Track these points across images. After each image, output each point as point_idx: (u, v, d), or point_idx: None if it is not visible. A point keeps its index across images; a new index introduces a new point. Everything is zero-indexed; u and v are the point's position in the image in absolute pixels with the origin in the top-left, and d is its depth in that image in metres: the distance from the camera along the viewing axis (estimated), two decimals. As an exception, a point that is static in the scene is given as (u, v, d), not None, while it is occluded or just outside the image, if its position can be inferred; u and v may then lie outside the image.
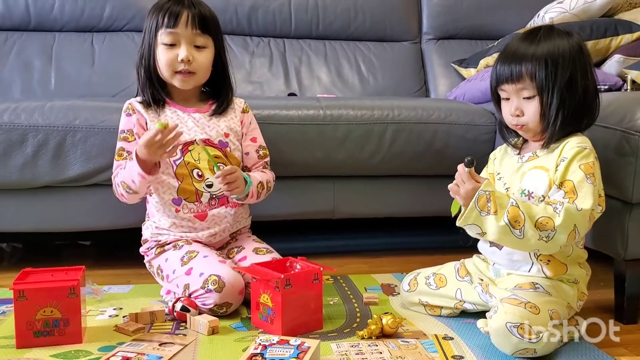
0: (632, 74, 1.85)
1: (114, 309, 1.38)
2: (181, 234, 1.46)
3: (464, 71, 2.38)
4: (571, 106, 1.20)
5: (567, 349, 1.18)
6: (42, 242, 2.08)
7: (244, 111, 1.56)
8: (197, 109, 1.51)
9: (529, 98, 1.22)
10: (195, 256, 1.38)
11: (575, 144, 1.19)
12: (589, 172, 1.15)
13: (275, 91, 2.36)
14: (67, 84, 2.20)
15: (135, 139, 1.45)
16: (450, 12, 2.55)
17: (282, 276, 1.20)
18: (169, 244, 1.46)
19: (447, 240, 1.59)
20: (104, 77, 2.23)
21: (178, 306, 1.30)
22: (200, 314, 1.29)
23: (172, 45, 1.44)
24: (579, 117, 1.22)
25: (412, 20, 2.54)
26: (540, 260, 1.23)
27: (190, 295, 1.32)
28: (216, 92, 1.54)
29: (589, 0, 2.18)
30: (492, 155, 1.42)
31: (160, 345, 1.15)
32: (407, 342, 1.20)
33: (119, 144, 1.47)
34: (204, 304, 1.31)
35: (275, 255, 1.46)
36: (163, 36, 1.44)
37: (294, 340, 1.09)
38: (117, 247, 2.06)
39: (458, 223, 1.18)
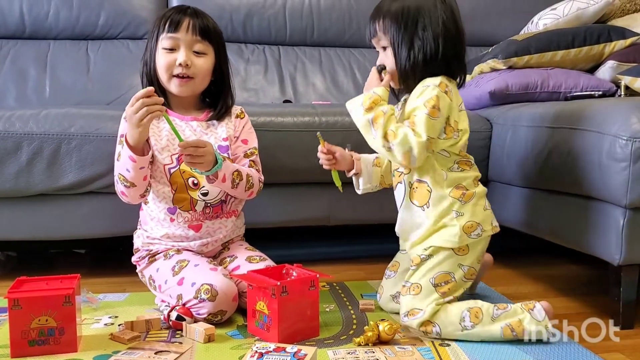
0: (625, 80, 1.86)
1: (110, 317, 1.37)
2: (173, 244, 1.46)
3: (458, 77, 2.38)
4: (419, 55, 1.32)
5: (560, 353, 1.17)
6: (36, 251, 2.07)
7: (237, 116, 1.55)
8: (195, 117, 1.51)
9: (385, 48, 1.37)
10: (186, 265, 1.38)
11: (421, 85, 1.32)
12: (429, 105, 1.27)
13: (270, 98, 2.36)
14: (62, 92, 2.20)
15: None
16: (444, 18, 2.55)
17: (279, 283, 1.20)
18: (159, 253, 1.46)
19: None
20: (99, 85, 2.23)
21: (173, 315, 1.29)
22: (195, 322, 1.29)
23: (171, 50, 1.45)
24: (431, 65, 1.32)
25: (407, 27, 2.55)
26: (413, 189, 1.35)
27: (184, 305, 1.32)
28: (215, 101, 1.53)
29: (582, 7, 2.20)
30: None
31: (156, 353, 1.15)
32: (403, 348, 1.19)
33: (118, 147, 1.44)
34: (198, 314, 1.30)
35: (269, 262, 1.46)
36: (164, 41, 1.45)
37: (290, 348, 1.09)
38: (112, 255, 2.06)
39: (347, 104, 1.37)
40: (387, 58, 1.37)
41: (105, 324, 1.32)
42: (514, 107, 1.81)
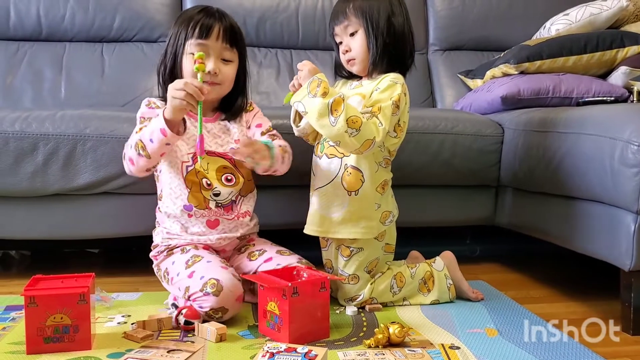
0: (638, 86, 1.86)
1: (123, 316, 1.38)
2: (192, 238, 1.47)
3: (470, 82, 2.39)
4: (389, 41, 1.43)
5: (568, 358, 1.17)
6: (50, 250, 2.10)
7: (246, 111, 1.58)
8: (207, 118, 1.52)
9: (353, 34, 1.46)
10: (199, 260, 1.39)
11: (389, 79, 1.41)
12: (394, 101, 1.38)
13: (282, 101, 2.37)
14: (77, 94, 2.23)
15: None
16: (456, 23, 2.56)
17: (290, 284, 1.21)
18: (177, 247, 1.47)
19: (454, 250, 1.60)
20: (114, 87, 2.25)
21: (181, 319, 1.29)
22: (204, 322, 1.29)
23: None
24: (396, 55, 1.45)
25: (419, 31, 2.55)
26: (347, 173, 1.41)
27: (189, 297, 1.33)
28: (230, 102, 1.55)
29: (595, 12, 2.20)
30: (337, 83, 1.62)
31: (168, 352, 1.16)
32: (413, 351, 1.20)
33: (138, 126, 1.45)
34: (201, 307, 1.30)
35: (297, 257, 1.47)
36: (192, 46, 1.45)
37: (301, 348, 1.10)
38: (125, 255, 2.08)
39: (292, 100, 1.38)
40: (355, 43, 1.46)
41: (119, 323, 1.34)
42: (526, 112, 1.82)
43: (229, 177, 1.48)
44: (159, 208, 1.53)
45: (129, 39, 2.37)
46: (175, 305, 1.38)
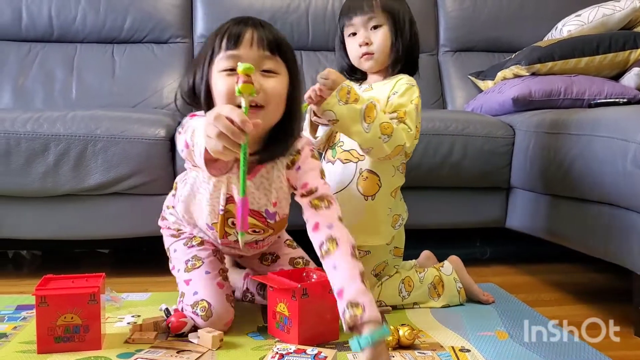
0: (651, 87, 1.84)
1: (132, 316, 1.39)
2: (202, 236, 1.39)
3: (481, 83, 2.38)
4: (410, 44, 1.44)
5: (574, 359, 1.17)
6: (61, 250, 2.11)
7: (288, 167, 1.26)
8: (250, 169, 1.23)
9: (376, 27, 1.43)
10: (199, 266, 1.33)
11: (405, 82, 1.41)
12: (415, 104, 1.39)
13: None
14: (88, 95, 2.24)
15: None
16: (467, 24, 2.55)
17: (299, 286, 1.21)
18: (184, 233, 1.40)
19: (465, 252, 1.59)
20: (124, 88, 2.26)
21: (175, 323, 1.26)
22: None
23: (232, 71, 1.11)
24: (411, 58, 1.46)
25: (429, 32, 2.55)
26: (362, 177, 1.39)
27: (182, 302, 1.30)
28: (277, 138, 1.21)
29: (608, 13, 2.18)
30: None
31: (178, 352, 1.16)
32: (423, 353, 1.19)
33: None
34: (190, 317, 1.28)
35: (312, 265, 1.43)
36: (221, 62, 1.14)
37: (310, 350, 1.10)
38: (135, 255, 2.09)
39: (322, 108, 1.29)
40: (376, 37, 1.43)
41: (128, 323, 1.34)
42: (537, 114, 1.80)
43: (257, 230, 1.33)
44: (177, 198, 1.35)
45: (139, 40, 2.38)
46: (168, 310, 1.33)
